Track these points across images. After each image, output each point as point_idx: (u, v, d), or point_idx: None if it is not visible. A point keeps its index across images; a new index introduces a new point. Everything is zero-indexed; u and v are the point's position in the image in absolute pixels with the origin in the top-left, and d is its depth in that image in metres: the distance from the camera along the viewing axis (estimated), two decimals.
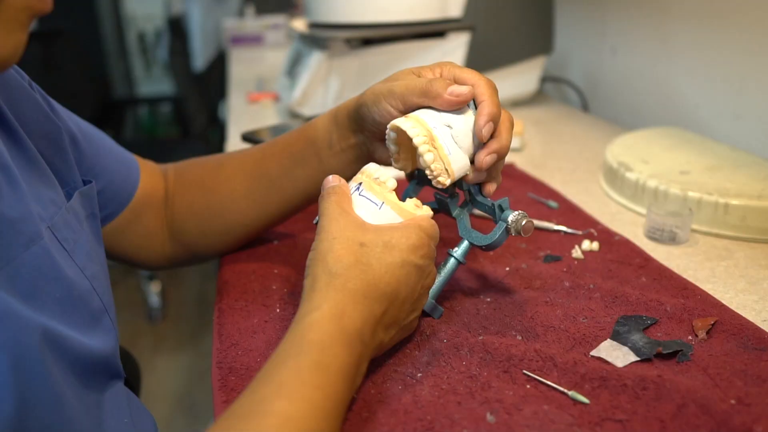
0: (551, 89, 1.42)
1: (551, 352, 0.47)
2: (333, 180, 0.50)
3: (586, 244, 0.64)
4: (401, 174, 0.60)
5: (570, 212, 0.73)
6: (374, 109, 0.53)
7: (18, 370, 0.36)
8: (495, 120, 0.49)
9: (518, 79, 1.21)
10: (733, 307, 0.53)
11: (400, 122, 0.50)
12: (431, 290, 0.51)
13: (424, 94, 0.50)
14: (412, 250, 0.44)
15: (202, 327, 2.33)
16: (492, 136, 0.49)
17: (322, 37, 1.10)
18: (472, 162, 0.51)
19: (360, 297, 0.42)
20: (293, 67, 1.22)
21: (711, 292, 0.55)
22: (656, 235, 0.65)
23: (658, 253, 0.63)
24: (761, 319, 0.51)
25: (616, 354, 0.47)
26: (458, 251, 0.52)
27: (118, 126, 2.90)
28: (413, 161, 0.56)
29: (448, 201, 0.55)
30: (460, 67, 0.52)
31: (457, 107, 0.50)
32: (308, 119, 1.16)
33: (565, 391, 0.43)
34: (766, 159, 0.74)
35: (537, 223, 0.69)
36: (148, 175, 0.64)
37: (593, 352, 0.47)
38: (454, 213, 0.54)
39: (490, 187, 0.52)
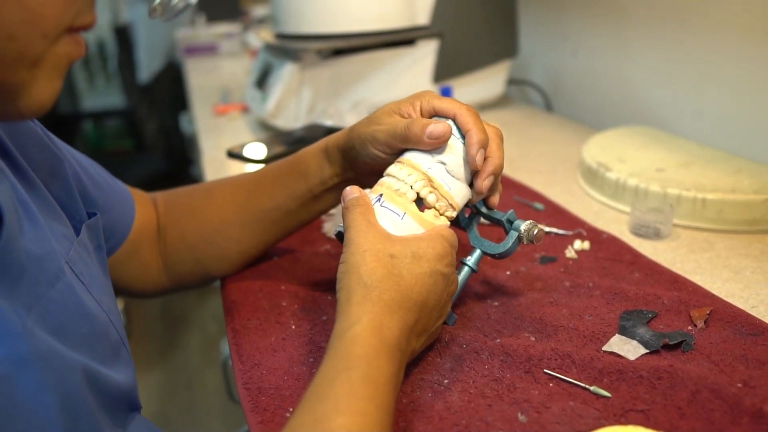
0: (513, 91, 1.46)
1: (567, 350, 0.50)
2: (354, 191, 0.51)
3: (578, 244, 0.67)
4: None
5: (556, 213, 0.77)
6: (363, 153, 0.55)
7: (67, 410, 0.36)
8: (484, 146, 0.50)
9: (486, 83, 1.24)
10: (722, 296, 0.57)
11: (396, 172, 0.52)
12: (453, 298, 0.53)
13: (405, 140, 0.52)
14: (439, 259, 0.46)
15: (170, 344, 2.28)
16: (485, 159, 0.51)
17: (295, 48, 1.10)
18: (471, 185, 0.53)
19: (395, 308, 0.43)
20: (263, 79, 1.22)
21: (699, 283, 0.59)
22: (641, 231, 0.69)
23: (645, 248, 0.67)
24: (750, 306, 0.55)
25: (627, 348, 0.50)
26: (471, 260, 0.54)
27: (69, 143, 2.81)
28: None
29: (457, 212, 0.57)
30: (439, 98, 0.54)
31: (438, 146, 0.51)
32: (282, 131, 1.16)
33: (587, 386, 0.46)
34: (731, 154, 0.79)
35: None
36: (142, 206, 0.64)
37: (605, 348, 0.50)
38: (464, 224, 0.56)
39: (495, 200, 0.54)
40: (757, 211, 0.67)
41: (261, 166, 0.69)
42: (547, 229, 0.71)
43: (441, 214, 0.51)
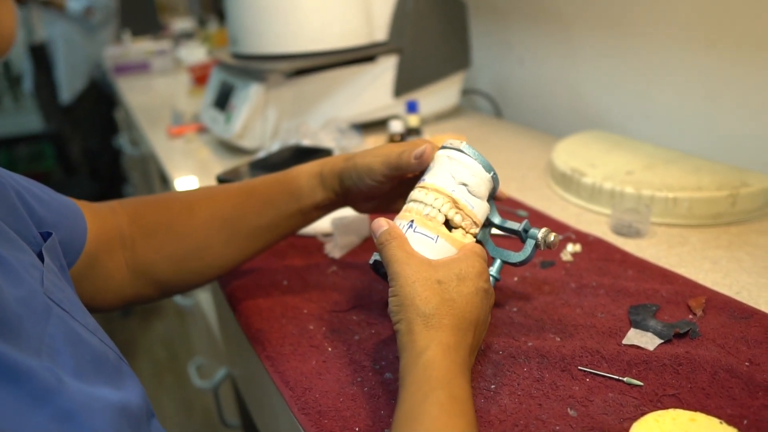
0: (461, 100, 1.53)
1: (593, 347, 0.55)
2: (382, 224, 0.53)
3: (570, 247, 0.73)
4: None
5: (540, 219, 0.82)
6: (360, 184, 0.61)
7: None
8: None
9: (443, 94, 1.30)
10: (708, 285, 0.64)
11: (422, 197, 0.55)
12: None
13: (397, 168, 0.58)
14: (479, 276, 0.50)
15: None
16: None
17: (261, 69, 1.11)
18: (487, 200, 0.58)
19: (455, 330, 0.46)
20: (224, 100, 1.22)
21: (686, 275, 0.66)
22: (623, 231, 0.76)
23: (629, 246, 0.74)
24: (734, 292, 0.63)
25: (645, 340, 0.56)
26: (493, 269, 0.58)
27: None
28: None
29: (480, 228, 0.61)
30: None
31: (423, 166, 0.57)
32: (249, 151, 1.17)
33: (621, 378, 0.51)
34: (685, 153, 0.88)
35: None
36: (94, 218, 0.61)
37: (625, 341, 0.56)
38: (479, 236, 0.61)
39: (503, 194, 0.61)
40: (721, 205, 0.75)
41: None
42: None
43: (467, 233, 0.55)
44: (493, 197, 0.60)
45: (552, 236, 0.56)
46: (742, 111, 0.88)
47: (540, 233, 0.57)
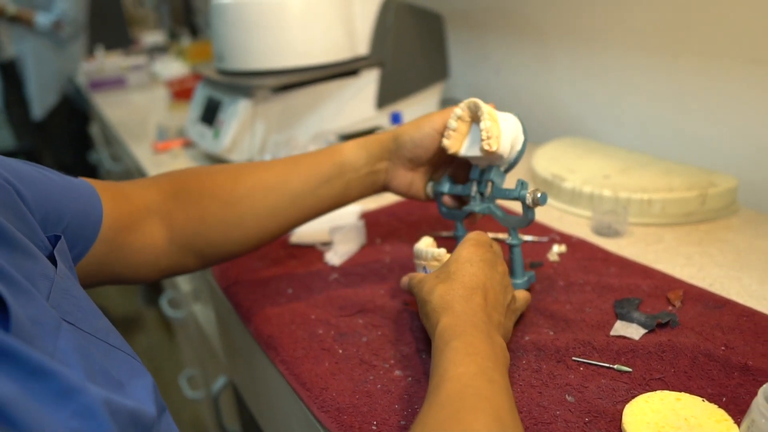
0: (440, 109, 1.58)
1: (585, 339, 0.60)
2: (404, 280, 0.65)
3: (556, 248, 0.78)
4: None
5: None
6: (416, 135, 0.67)
7: None
8: None
9: (423, 105, 1.35)
10: (684, 279, 0.70)
11: (476, 99, 0.63)
12: (519, 270, 0.66)
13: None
14: (473, 252, 0.57)
15: None
16: None
17: (249, 85, 1.14)
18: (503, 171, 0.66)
19: (460, 299, 0.53)
20: (212, 115, 1.25)
21: (663, 271, 0.72)
22: (603, 231, 0.82)
23: (610, 245, 0.79)
24: (708, 284, 0.69)
25: (630, 330, 0.61)
26: (512, 239, 0.65)
27: None
28: (460, 145, 0.66)
29: (473, 205, 0.68)
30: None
31: None
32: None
33: (611, 366, 0.56)
34: (657, 157, 0.94)
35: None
36: (113, 198, 0.60)
37: (612, 332, 0.61)
38: (485, 211, 0.67)
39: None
40: (692, 205, 0.81)
41: None
42: (528, 237, 0.82)
43: (487, 139, 0.61)
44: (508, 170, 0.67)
45: (539, 194, 0.62)
46: (706, 116, 0.95)
47: (528, 197, 0.62)
